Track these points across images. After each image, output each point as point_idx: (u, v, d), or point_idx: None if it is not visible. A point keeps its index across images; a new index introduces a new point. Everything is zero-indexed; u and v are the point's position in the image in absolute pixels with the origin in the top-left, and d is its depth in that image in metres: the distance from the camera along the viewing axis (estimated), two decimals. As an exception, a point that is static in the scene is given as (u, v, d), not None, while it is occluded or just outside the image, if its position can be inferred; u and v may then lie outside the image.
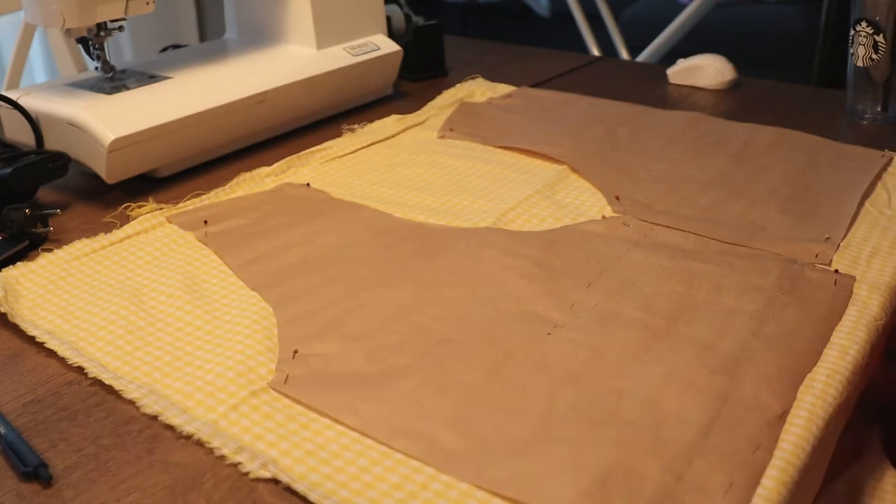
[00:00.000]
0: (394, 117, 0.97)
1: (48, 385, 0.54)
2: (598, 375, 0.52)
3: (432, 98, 1.04)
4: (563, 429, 0.47)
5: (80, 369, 0.55)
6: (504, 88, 1.07)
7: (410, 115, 0.98)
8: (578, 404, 0.49)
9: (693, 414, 0.48)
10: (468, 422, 0.48)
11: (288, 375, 0.53)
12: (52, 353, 0.57)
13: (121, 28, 0.87)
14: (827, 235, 0.68)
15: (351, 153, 0.89)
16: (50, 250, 0.68)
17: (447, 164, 0.85)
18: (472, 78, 1.10)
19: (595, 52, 1.76)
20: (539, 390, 0.51)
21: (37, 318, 0.60)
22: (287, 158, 0.85)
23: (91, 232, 0.72)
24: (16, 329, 0.60)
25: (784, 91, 1.06)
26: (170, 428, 0.50)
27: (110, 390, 0.53)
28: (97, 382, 0.54)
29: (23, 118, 0.81)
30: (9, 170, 0.73)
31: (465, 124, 0.95)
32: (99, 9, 0.81)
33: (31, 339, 0.58)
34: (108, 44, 0.87)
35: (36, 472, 0.46)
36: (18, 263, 0.67)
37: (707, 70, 1.08)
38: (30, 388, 0.54)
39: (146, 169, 0.83)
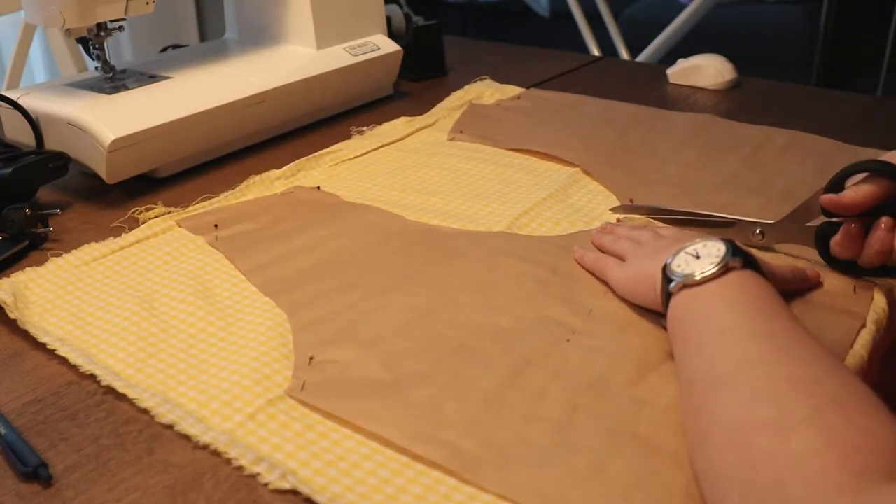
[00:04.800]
0: (402, 119, 0.96)
1: (48, 385, 0.53)
2: (617, 384, 0.51)
3: (433, 98, 1.03)
4: (586, 438, 0.47)
5: (78, 369, 0.54)
6: (512, 90, 1.06)
7: (419, 117, 0.97)
8: (599, 413, 0.49)
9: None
10: (489, 429, 0.48)
11: (305, 382, 0.52)
12: (52, 354, 0.56)
13: (121, 28, 0.86)
14: None
15: (360, 156, 0.88)
16: (59, 254, 0.67)
17: (458, 166, 0.84)
18: (481, 79, 1.09)
19: (595, 52, 1.76)
20: (559, 398, 0.50)
21: (47, 325, 0.59)
22: (297, 161, 0.84)
23: (91, 232, 0.71)
24: (16, 329, 0.59)
25: (784, 91, 1.06)
26: (170, 427, 0.49)
27: (110, 390, 0.52)
28: (97, 382, 0.53)
29: (23, 118, 0.80)
30: (9, 170, 0.72)
31: (474, 126, 0.94)
32: (99, 9, 0.80)
33: (31, 339, 0.57)
34: (108, 44, 0.86)
35: (36, 472, 0.46)
36: (27, 269, 0.66)
37: (707, 70, 1.07)
38: (30, 388, 0.53)
39: (146, 169, 0.82)
